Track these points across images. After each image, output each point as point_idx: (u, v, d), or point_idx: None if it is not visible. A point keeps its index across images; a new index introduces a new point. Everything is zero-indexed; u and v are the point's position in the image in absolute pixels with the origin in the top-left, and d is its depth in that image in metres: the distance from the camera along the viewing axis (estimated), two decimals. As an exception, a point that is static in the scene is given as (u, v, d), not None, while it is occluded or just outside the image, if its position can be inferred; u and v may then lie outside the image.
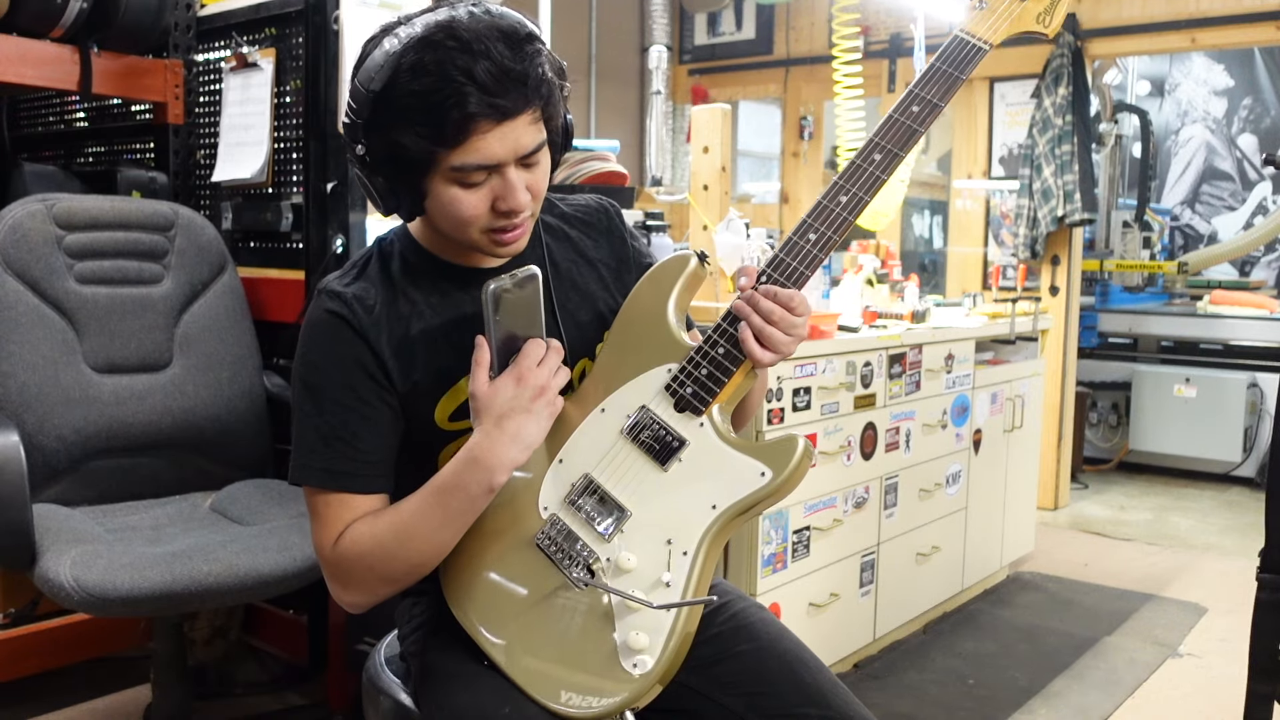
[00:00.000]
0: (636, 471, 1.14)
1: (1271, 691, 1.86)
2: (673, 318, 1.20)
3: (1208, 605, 3.36)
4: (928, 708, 2.57)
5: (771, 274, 1.16)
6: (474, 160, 1.07)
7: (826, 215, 1.16)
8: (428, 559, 1.13)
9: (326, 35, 2.24)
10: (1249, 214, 6.52)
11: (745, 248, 2.70)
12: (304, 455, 1.16)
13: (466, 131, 1.06)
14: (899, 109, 1.17)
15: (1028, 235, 4.39)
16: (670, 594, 1.09)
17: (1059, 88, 4.29)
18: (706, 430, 1.14)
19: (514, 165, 1.10)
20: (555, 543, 1.13)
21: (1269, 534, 1.84)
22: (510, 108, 1.06)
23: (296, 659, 2.49)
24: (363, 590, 1.16)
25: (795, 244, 1.16)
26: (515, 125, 1.08)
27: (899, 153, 1.15)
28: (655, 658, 1.07)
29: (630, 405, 1.16)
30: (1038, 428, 3.68)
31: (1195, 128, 6.68)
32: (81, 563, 1.68)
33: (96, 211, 2.16)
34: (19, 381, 1.99)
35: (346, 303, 1.17)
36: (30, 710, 2.37)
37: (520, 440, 1.09)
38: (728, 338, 1.14)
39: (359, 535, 1.13)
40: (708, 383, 1.14)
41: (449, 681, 1.16)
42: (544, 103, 1.11)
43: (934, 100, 1.16)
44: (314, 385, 1.17)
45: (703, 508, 1.11)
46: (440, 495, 1.10)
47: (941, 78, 1.17)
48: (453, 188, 1.10)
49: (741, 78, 5.82)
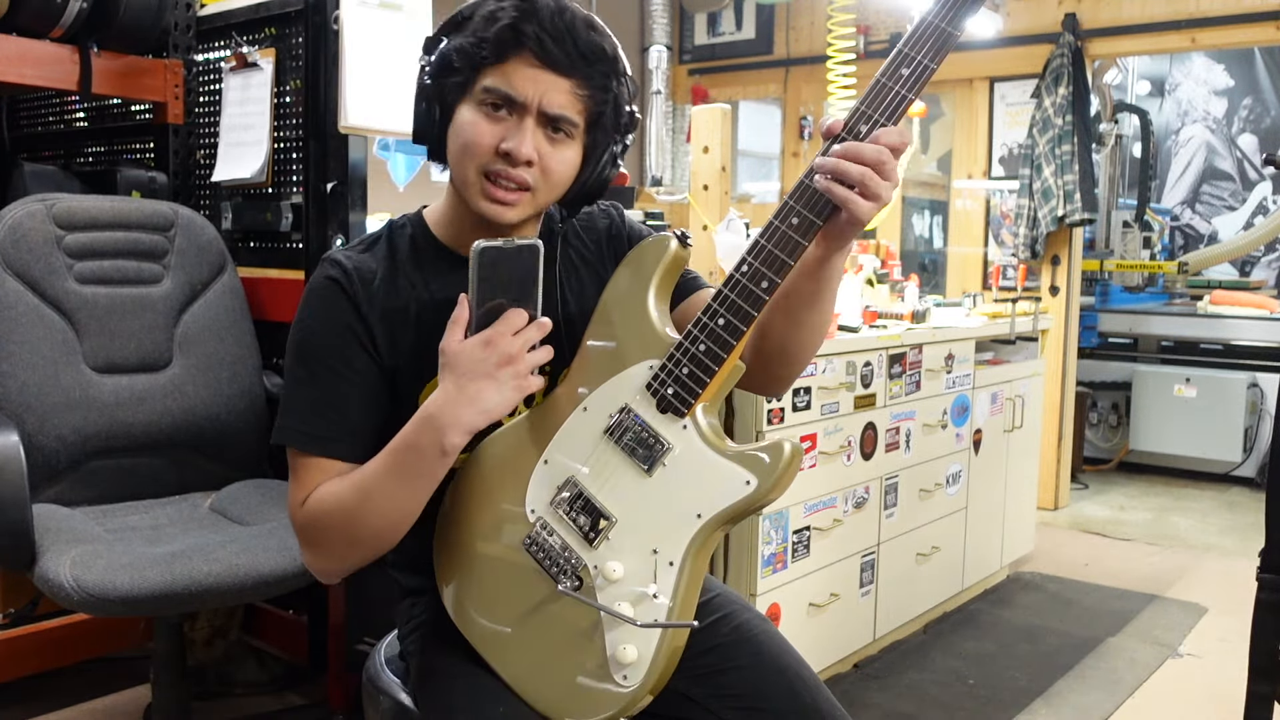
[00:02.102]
0: (621, 476, 1.11)
1: (1271, 691, 1.86)
2: (653, 308, 1.16)
3: (1208, 605, 3.36)
4: (928, 708, 2.57)
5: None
6: (502, 86, 1.11)
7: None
8: (390, 522, 1.12)
9: (326, 35, 2.24)
10: (1249, 214, 6.52)
11: (745, 248, 2.70)
12: (287, 416, 1.17)
13: (508, 52, 1.11)
14: (885, 73, 1.07)
15: (1028, 235, 4.39)
16: (657, 606, 1.07)
17: (1059, 88, 4.29)
18: (690, 433, 1.10)
19: (535, 119, 1.12)
20: (543, 549, 1.12)
21: (1269, 534, 1.84)
22: (558, 58, 1.11)
23: (296, 659, 2.49)
24: (329, 554, 1.16)
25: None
26: (555, 80, 1.12)
27: (887, 122, 1.06)
28: (644, 671, 1.06)
29: (612, 404, 1.13)
30: (1038, 428, 3.68)
31: (1195, 128, 6.68)
32: (81, 563, 1.68)
33: (96, 211, 2.16)
34: (19, 381, 1.99)
35: (346, 271, 1.19)
36: (30, 710, 2.37)
37: (478, 404, 1.06)
38: (708, 332, 1.09)
39: (324, 494, 1.13)
40: (689, 383, 1.10)
41: (448, 681, 1.17)
42: (592, 87, 1.13)
43: (925, 61, 1.05)
44: (305, 348, 1.18)
45: (688, 516, 1.08)
46: (396, 454, 1.10)
47: (935, 33, 1.05)
48: (476, 112, 1.13)
49: (741, 78, 5.82)
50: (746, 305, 1.09)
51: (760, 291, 1.08)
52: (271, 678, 2.54)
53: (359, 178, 2.32)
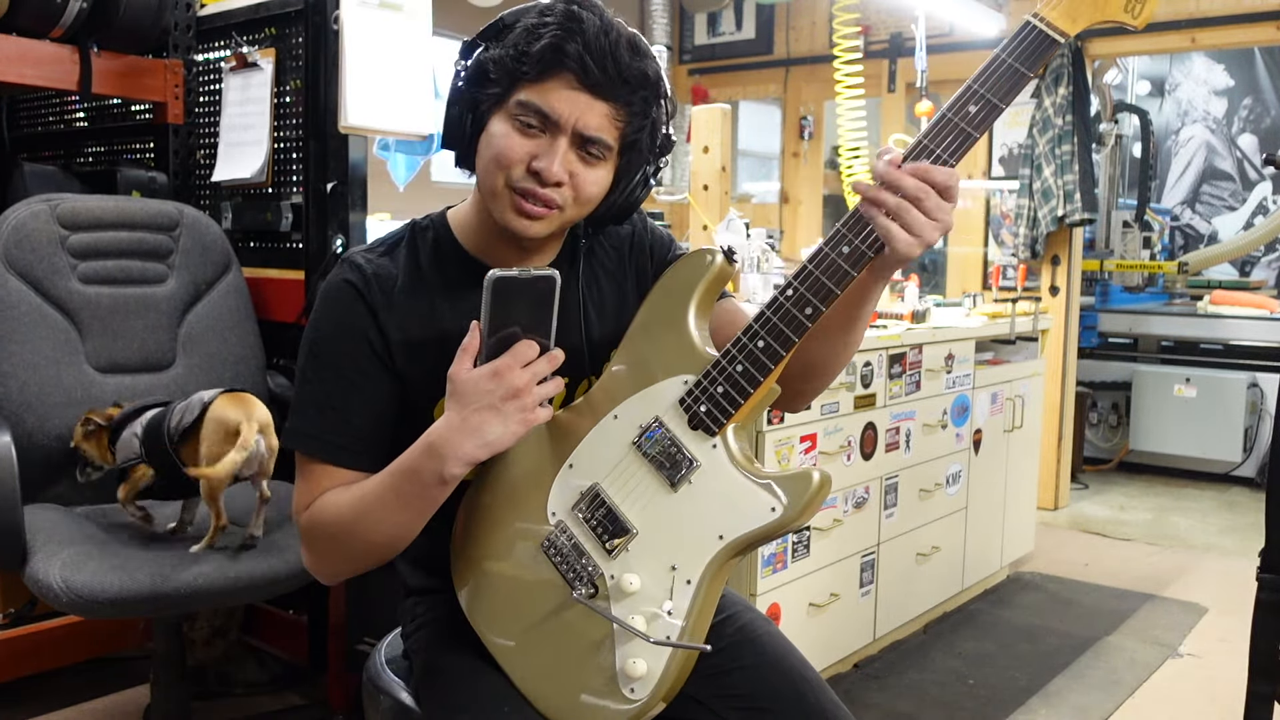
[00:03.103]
0: (645, 488, 1.10)
1: (1271, 691, 1.86)
2: (693, 323, 1.14)
3: (1208, 605, 3.37)
4: (928, 708, 2.58)
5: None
6: (538, 102, 1.09)
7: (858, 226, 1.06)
8: (384, 540, 1.12)
9: (326, 35, 2.24)
10: (1249, 214, 6.52)
11: (745, 248, 2.70)
12: (297, 419, 1.17)
13: (549, 70, 1.09)
14: (952, 108, 1.04)
15: (1028, 235, 4.39)
16: (671, 623, 1.06)
17: (1059, 88, 4.29)
18: (719, 453, 1.08)
19: (569, 138, 1.10)
20: (561, 553, 1.11)
21: (1269, 534, 1.84)
22: (598, 81, 1.09)
23: (296, 659, 2.49)
24: (325, 561, 1.17)
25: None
26: (593, 103, 1.10)
27: (949, 159, 1.04)
28: (652, 686, 1.05)
29: (644, 416, 1.12)
30: (1038, 428, 3.68)
31: (1195, 128, 6.68)
32: (72, 564, 1.68)
33: (100, 211, 2.16)
34: (20, 381, 1.99)
35: (365, 276, 1.17)
36: (30, 710, 2.37)
37: (480, 436, 1.04)
38: (747, 354, 1.07)
39: (325, 504, 1.13)
40: (723, 402, 1.08)
41: (451, 681, 1.17)
42: (630, 112, 1.12)
43: (993, 100, 1.03)
44: (318, 352, 1.17)
45: (709, 536, 1.07)
46: (396, 477, 1.09)
47: (1006, 72, 1.03)
48: (509, 126, 1.11)
49: (741, 78, 5.82)
50: (788, 330, 1.07)
51: (804, 318, 1.07)
52: (271, 678, 2.54)
53: (359, 178, 2.32)
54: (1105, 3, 1.04)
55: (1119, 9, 1.04)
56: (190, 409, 1.83)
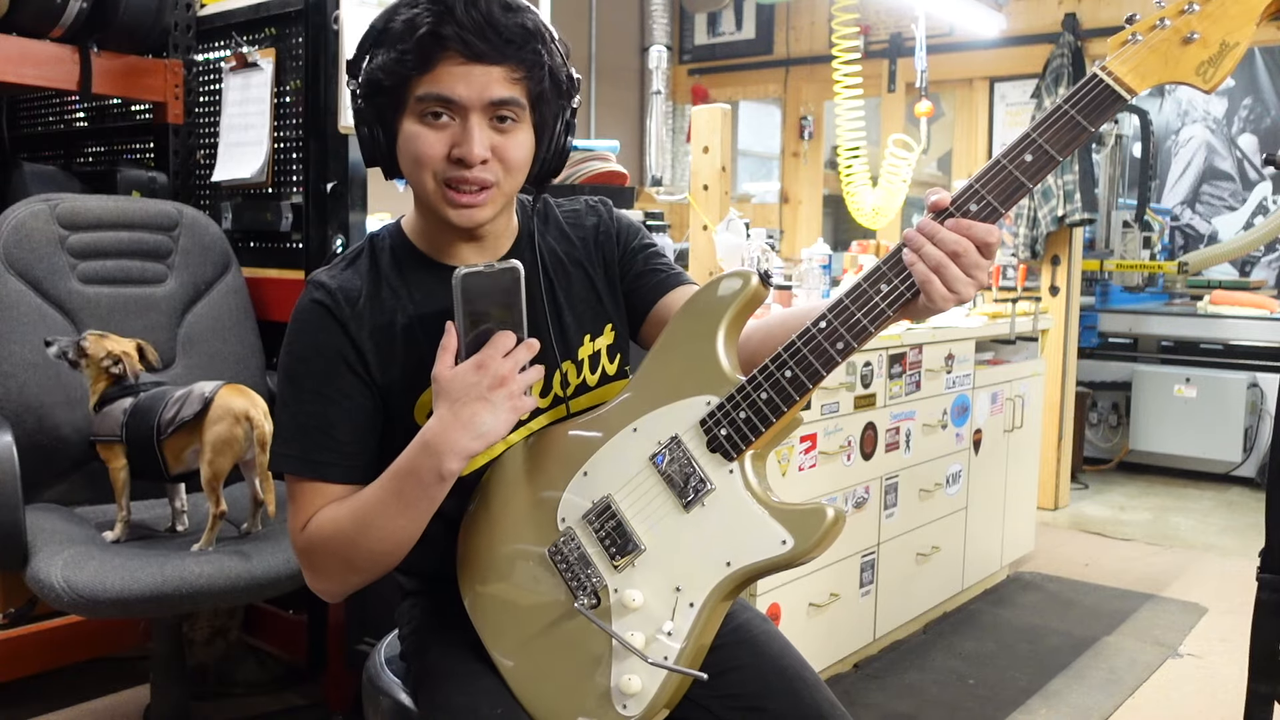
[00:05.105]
0: (657, 506, 1.10)
1: (1271, 691, 1.86)
2: (722, 343, 1.12)
3: (1208, 605, 3.36)
4: (928, 708, 2.58)
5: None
6: (437, 90, 1.09)
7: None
8: (388, 547, 1.12)
9: (326, 35, 2.25)
10: (1249, 214, 6.52)
11: (745, 248, 2.70)
12: (281, 443, 1.17)
13: (435, 57, 1.08)
14: (1008, 154, 1.02)
15: (1028, 235, 4.39)
16: (670, 645, 1.06)
17: (1059, 87, 4.29)
18: (735, 479, 1.07)
19: (479, 115, 1.11)
20: (567, 561, 1.11)
21: (1269, 534, 1.85)
22: (483, 50, 1.08)
23: (296, 659, 2.49)
24: (330, 577, 1.17)
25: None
26: (488, 72, 1.09)
27: (1000, 206, 1.02)
28: (646, 704, 1.05)
29: (663, 432, 1.11)
30: (1038, 428, 3.68)
31: (1195, 128, 6.68)
32: (73, 564, 1.68)
33: (100, 211, 2.16)
34: (20, 381, 1.99)
35: (331, 293, 1.18)
36: (30, 710, 2.37)
37: (473, 428, 1.05)
38: (773, 382, 1.06)
39: (323, 520, 1.14)
40: (744, 428, 1.07)
41: (447, 682, 1.17)
42: (526, 66, 1.11)
43: (1051, 151, 1.01)
44: (294, 374, 1.17)
45: (717, 562, 1.06)
46: (394, 480, 1.10)
47: (1066, 124, 1.00)
48: (418, 124, 1.11)
49: (741, 78, 5.82)
50: (818, 363, 1.05)
51: (835, 353, 1.05)
52: (271, 678, 2.54)
53: (359, 178, 2.32)
54: (1178, 63, 1.01)
55: (1191, 71, 1.01)
56: (190, 403, 1.84)
